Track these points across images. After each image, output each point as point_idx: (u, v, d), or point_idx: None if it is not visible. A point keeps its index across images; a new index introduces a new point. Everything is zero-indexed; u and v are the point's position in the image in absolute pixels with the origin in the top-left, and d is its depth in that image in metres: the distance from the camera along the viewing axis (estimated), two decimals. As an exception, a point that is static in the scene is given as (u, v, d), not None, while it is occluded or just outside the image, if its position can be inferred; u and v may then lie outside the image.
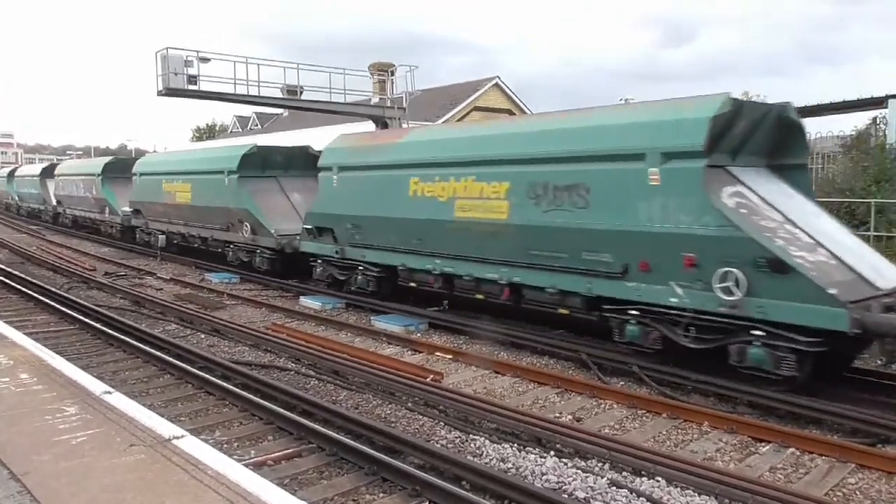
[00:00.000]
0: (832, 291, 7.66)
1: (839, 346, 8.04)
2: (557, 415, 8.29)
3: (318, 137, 22.12)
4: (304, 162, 18.79)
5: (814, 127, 18.54)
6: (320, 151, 16.17)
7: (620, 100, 12.87)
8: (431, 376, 9.46)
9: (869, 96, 20.04)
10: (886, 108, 19.18)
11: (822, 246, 8.56)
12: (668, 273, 9.00)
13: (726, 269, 8.34)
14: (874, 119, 20.58)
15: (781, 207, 9.00)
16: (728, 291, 8.34)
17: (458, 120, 35.02)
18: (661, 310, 9.19)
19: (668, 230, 8.86)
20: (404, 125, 20.50)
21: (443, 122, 32.46)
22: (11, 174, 47.28)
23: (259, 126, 57.39)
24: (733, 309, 8.38)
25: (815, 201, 9.88)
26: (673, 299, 8.99)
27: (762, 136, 9.49)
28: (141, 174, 24.56)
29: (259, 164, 18.62)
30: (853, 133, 20.18)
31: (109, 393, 6.79)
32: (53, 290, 15.89)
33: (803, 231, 8.71)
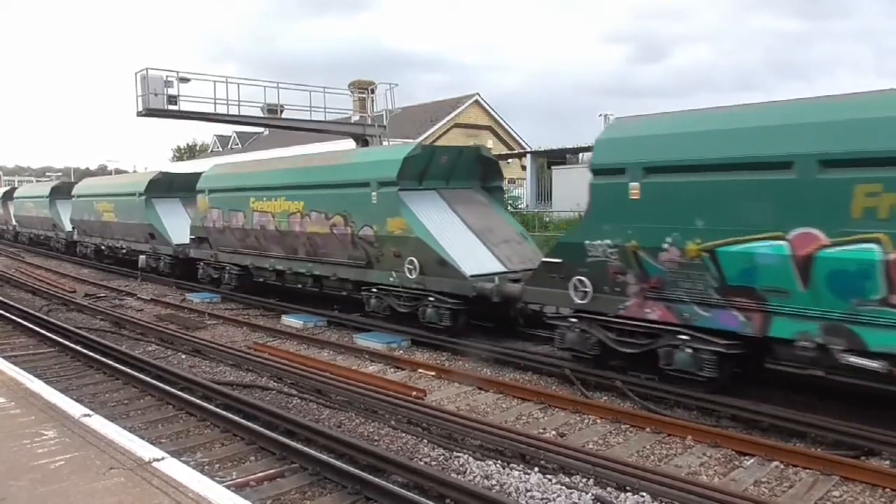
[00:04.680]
0: None
1: None
2: (541, 430, 8.28)
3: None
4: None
5: None
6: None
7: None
8: (414, 393, 9.43)
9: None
10: None
11: None
12: None
13: None
14: None
15: None
16: None
17: (439, 137, 35.17)
18: None
19: None
20: (384, 143, 20.49)
21: (423, 139, 32.64)
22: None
23: (240, 145, 57.53)
24: None
25: None
26: None
27: None
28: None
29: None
30: None
31: (89, 416, 6.71)
32: (32, 312, 15.70)
33: None
